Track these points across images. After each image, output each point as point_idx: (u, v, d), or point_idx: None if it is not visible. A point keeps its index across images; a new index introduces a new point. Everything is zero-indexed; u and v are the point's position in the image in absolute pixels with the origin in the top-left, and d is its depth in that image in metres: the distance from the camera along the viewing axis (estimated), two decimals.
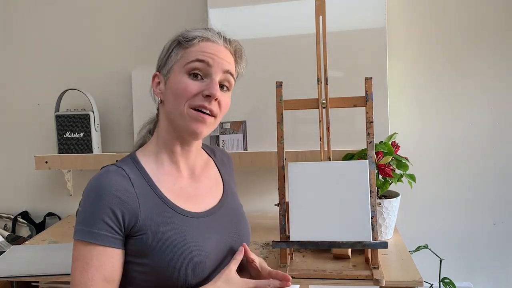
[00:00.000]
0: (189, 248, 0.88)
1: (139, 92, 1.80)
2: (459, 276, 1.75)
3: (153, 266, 0.86)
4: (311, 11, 1.34)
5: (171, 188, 0.94)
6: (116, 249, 0.86)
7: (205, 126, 0.92)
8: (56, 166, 1.76)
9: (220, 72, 0.92)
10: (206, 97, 0.90)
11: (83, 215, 0.86)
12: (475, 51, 1.66)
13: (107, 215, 0.84)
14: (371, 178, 1.19)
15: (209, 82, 0.91)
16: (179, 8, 1.78)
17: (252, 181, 1.82)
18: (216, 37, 0.94)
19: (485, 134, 1.69)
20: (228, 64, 0.94)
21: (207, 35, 0.93)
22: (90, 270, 0.83)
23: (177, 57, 0.93)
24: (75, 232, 0.86)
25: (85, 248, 0.84)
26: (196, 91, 0.90)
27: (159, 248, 0.87)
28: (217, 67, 0.92)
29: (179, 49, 0.93)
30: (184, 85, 0.90)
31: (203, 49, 0.92)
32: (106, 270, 0.84)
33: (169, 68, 0.94)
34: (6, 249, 1.55)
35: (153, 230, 0.87)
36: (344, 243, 1.15)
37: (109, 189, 0.85)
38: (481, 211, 1.73)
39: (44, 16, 1.86)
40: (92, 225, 0.84)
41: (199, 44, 0.92)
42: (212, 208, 0.99)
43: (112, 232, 0.85)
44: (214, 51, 0.92)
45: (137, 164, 0.94)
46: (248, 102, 1.69)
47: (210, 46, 0.93)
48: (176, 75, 0.92)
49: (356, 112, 1.59)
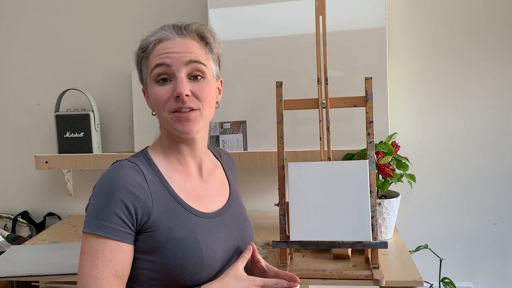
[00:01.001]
0: (199, 247, 0.88)
1: (139, 92, 1.77)
2: (459, 276, 1.75)
3: (162, 264, 0.86)
4: (311, 11, 1.34)
5: (182, 187, 0.94)
6: (127, 244, 0.85)
7: (190, 123, 0.91)
8: (56, 166, 1.76)
9: (183, 66, 0.89)
10: (177, 98, 0.89)
11: (95, 208, 0.84)
12: (475, 50, 1.66)
13: (120, 209, 0.83)
14: (371, 178, 1.19)
15: (175, 81, 0.90)
16: (179, 8, 1.78)
17: (252, 181, 1.82)
18: (169, 32, 0.92)
19: (485, 134, 1.69)
20: (189, 54, 0.90)
21: (159, 36, 0.92)
22: (100, 265, 0.82)
23: (145, 70, 0.94)
24: (85, 225, 0.85)
25: (96, 242, 0.83)
26: (167, 95, 0.90)
27: (170, 245, 0.86)
28: (178, 63, 0.89)
29: (144, 61, 0.94)
30: (156, 94, 0.91)
31: (159, 52, 0.90)
32: (117, 265, 0.83)
33: (145, 82, 0.95)
34: (6, 249, 1.55)
35: (165, 227, 0.87)
36: (344, 243, 1.15)
37: (123, 183, 0.85)
38: (481, 211, 1.73)
39: (44, 16, 1.86)
40: (104, 218, 0.83)
41: (154, 48, 0.91)
42: (219, 209, 0.99)
43: (125, 227, 0.84)
44: (169, 49, 0.90)
45: (149, 161, 0.94)
46: (248, 102, 1.69)
47: (165, 45, 0.91)
48: (150, 87, 0.93)
49: (356, 112, 1.60)
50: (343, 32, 1.60)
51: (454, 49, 1.67)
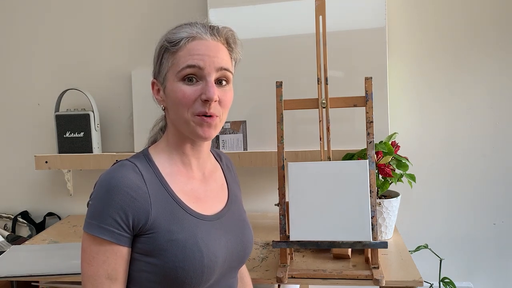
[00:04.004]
0: (200, 250, 0.87)
1: (139, 92, 1.80)
2: (459, 276, 1.75)
3: (161, 267, 0.85)
4: (311, 11, 1.34)
5: (183, 189, 0.93)
6: (121, 246, 0.84)
7: (212, 129, 0.90)
8: (56, 166, 1.76)
9: (214, 72, 0.88)
10: (205, 102, 0.88)
11: (93, 208, 0.85)
12: (475, 50, 1.66)
13: (116, 211, 0.83)
14: (371, 178, 1.19)
15: (205, 85, 0.88)
16: (179, 8, 1.78)
17: (252, 181, 1.82)
18: (203, 32, 0.89)
19: (485, 134, 1.69)
20: (221, 60, 0.89)
21: (193, 33, 0.89)
22: (94, 265, 0.83)
23: (168, 64, 0.90)
24: (84, 224, 0.86)
25: (92, 242, 0.84)
26: (194, 96, 0.88)
27: (170, 248, 0.85)
28: (210, 68, 0.88)
29: (168, 54, 0.90)
30: (182, 93, 0.88)
31: (192, 52, 0.88)
32: (109, 267, 0.84)
33: (164, 76, 0.92)
34: (6, 249, 1.55)
35: (164, 229, 0.86)
36: (344, 243, 1.15)
37: (120, 185, 0.84)
38: (481, 211, 1.73)
39: (44, 16, 1.86)
40: (100, 219, 0.83)
41: (186, 46, 0.88)
42: (219, 212, 0.98)
43: (120, 229, 0.84)
44: (203, 51, 0.88)
45: (150, 161, 0.92)
46: (248, 102, 1.69)
47: (198, 45, 0.88)
48: (171, 83, 0.90)
49: (356, 112, 1.60)
50: (343, 32, 1.60)
51: (454, 49, 1.67)
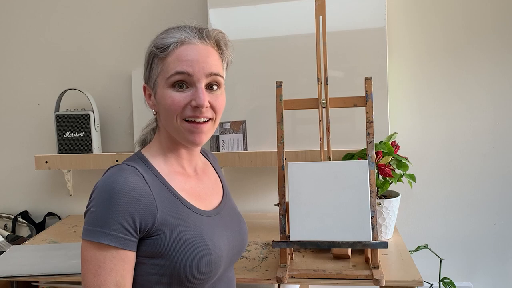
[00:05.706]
0: (207, 247, 0.87)
1: (139, 92, 1.80)
2: (459, 276, 1.75)
3: (170, 267, 0.84)
4: (311, 11, 1.34)
5: (183, 187, 0.93)
6: (128, 251, 0.82)
7: (203, 134, 0.89)
8: (56, 166, 1.76)
9: (204, 78, 0.87)
10: (195, 108, 0.87)
11: (96, 215, 0.81)
12: (475, 50, 1.66)
13: (123, 216, 0.80)
14: (371, 178, 1.19)
15: (195, 91, 0.87)
16: (179, 8, 1.78)
17: (252, 181, 1.82)
18: (191, 36, 0.88)
19: (485, 134, 1.69)
20: (210, 65, 0.88)
21: (181, 38, 0.88)
22: (102, 274, 0.80)
23: (158, 70, 0.89)
24: (85, 232, 0.82)
25: (97, 250, 0.80)
26: (184, 103, 0.87)
27: (178, 248, 0.85)
28: (199, 74, 0.87)
29: (157, 60, 0.89)
30: (171, 100, 0.87)
31: (181, 57, 0.87)
32: (117, 274, 0.81)
33: (154, 82, 0.91)
34: (6, 249, 1.55)
35: (171, 229, 0.85)
36: (344, 243, 1.15)
37: (124, 188, 0.81)
38: (481, 211, 1.73)
39: (44, 16, 1.86)
40: (105, 226, 0.80)
41: (175, 51, 0.87)
42: (217, 207, 0.99)
43: (127, 234, 0.81)
44: (192, 56, 0.87)
45: (146, 163, 0.91)
46: (248, 102, 1.69)
47: (187, 50, 0.87)
48: (161, 90, 0.89)
49: (356, 112, 1.60)
50: (343, 32, 1.60)
51: (454, 49, 1.67)
